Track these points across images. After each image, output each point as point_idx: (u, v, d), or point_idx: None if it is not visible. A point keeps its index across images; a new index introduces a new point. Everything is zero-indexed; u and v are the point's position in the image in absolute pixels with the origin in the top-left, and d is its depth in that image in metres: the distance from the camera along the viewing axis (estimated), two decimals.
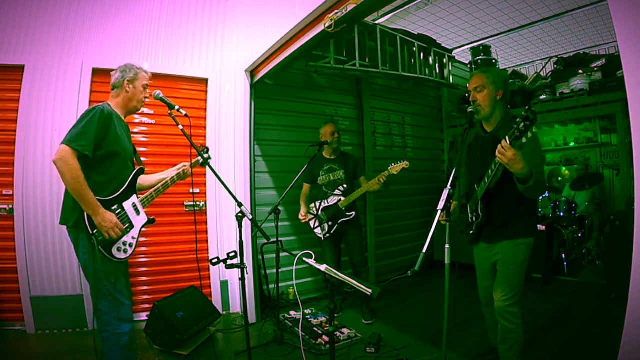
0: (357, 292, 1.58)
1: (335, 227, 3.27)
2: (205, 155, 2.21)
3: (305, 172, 3.23)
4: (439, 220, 1.60)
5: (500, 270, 2.00)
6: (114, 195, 1.85)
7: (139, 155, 2.25)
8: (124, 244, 1.86)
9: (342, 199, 3.24)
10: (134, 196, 1.96)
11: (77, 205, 1.76)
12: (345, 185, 3.30)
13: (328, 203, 3.28)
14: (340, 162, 3.35)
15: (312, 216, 3.32)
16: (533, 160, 1.74)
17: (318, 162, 3.34)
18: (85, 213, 1.74)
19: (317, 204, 3.32)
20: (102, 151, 1.82)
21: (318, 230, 3.30)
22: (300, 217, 3.35)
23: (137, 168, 2.02)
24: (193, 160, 2.25)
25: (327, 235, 3.27)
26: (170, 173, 2.21)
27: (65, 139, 1.73)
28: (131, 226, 1.90)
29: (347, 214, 3.24)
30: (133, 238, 1.90)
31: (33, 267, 2.88)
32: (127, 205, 1.90)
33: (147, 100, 2.12)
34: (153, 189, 2.10)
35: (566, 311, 3.31)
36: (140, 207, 1.97)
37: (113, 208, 1.83)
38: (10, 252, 2.88)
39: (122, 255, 1.85)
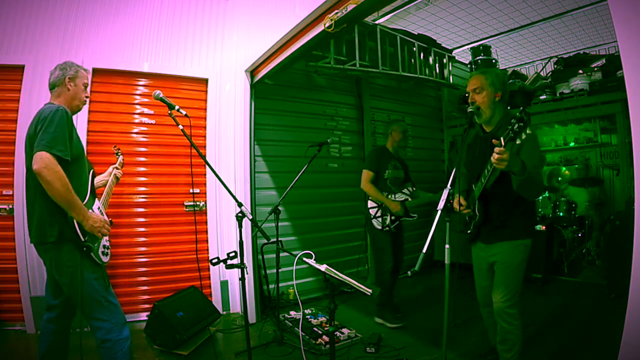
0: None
1: (396, 223, 3.25)
2: (120, 158, 2.43)
3: (373, 160, 3.28)
4: (440, 219, 1.60)
5: (499, 271, 2.00)
6: (85, 201, 1.79)
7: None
8: (104, 247, 1.87)
9: (409, 199, 3.28)
10: (96, 200, 1.93)
11: (56, 218, 1.70)
12: (414, 188, 3.35)
13: (395, 198, 3.27)
14: (401, 161, 3.42)
15: (376, 205, 3.28)
16: (532, 161, 1.74)
17: (386, 155, 3.34)
18: (75, 221, 1.69)
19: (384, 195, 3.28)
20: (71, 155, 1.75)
21: (379, 220, 3.23)
22: (395, 208, 3.18)
23: (92, 171, 1.98)
24: (117, 163, 2.38)
25: (386, 229, 3.22)
26: (105, 178, 2.26)
27: (41, 145, 1.61)
28: None
29: (411, 214, 3.28)
30: (108, 241, 1.92)
31: (33, 267, 2.88)
32: (95, 209, 1.86)
33: (86, 100, 2.04)
34: (104, 193, 2.13)
35: (566, 311, 3.31)
36: (103, 210, 1.97)
37: None
38: (10, 252, 2.88)
39: (106, 259, 1.87)
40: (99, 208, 1.91)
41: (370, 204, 3.31)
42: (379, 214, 3.25)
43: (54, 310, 1.92)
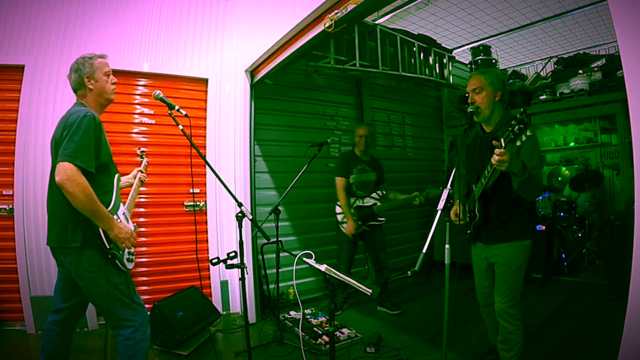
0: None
1: (362, 229, 3.34)
2: (145, 160, 2.42)
3: (341, 167, 3.37)
4: (440, 219, 1.60)
5: (499, 273, 2.00)
6: (110, 207, 1.74)
7: None
8: (130, 253, 1.82)
9: (378, 203, 3.36)
10: (121, 204, 1.88)
11: (80, 223, 1.66)
12: (384, 192, 3.42)
13: (363, 203, 3.36)
14: (372, 164, 3.47)
15: (342, 212, 3.35)
16: (531, 162, 1.74)
17: (352, 159, 3.43)
18: (100, 229, 1.66)
19: (351, 202, 3.38)
20: (97, 163, 1.70)
21: (345, 226, 3.34)
22: (348, 229, 3.27)
23: (117, 175, 1.92)
24: (142, 166, 2.36)
25: (354, 233, 3.31)
26: (130, 180, 2.25)
27: (64, 155, 1.58)
28: None
29: (379, 219, 3.36)
30: (134, 246, 1.87)
31: (33, 267, 2.88)
32: (120, 214, 1.82)
33: (114, 87, 1.91)
34: (129, 197, 2.10)
35: (566, 311, 3.31)
36: (128, 215, 1.93)
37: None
38: (10, 252, 2.88)
39: (131, 265, 1.83)
40: (124, 213, 1.86)
41: (337, 209, 3.42)
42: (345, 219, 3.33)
43: (60, 313, 1.89)
